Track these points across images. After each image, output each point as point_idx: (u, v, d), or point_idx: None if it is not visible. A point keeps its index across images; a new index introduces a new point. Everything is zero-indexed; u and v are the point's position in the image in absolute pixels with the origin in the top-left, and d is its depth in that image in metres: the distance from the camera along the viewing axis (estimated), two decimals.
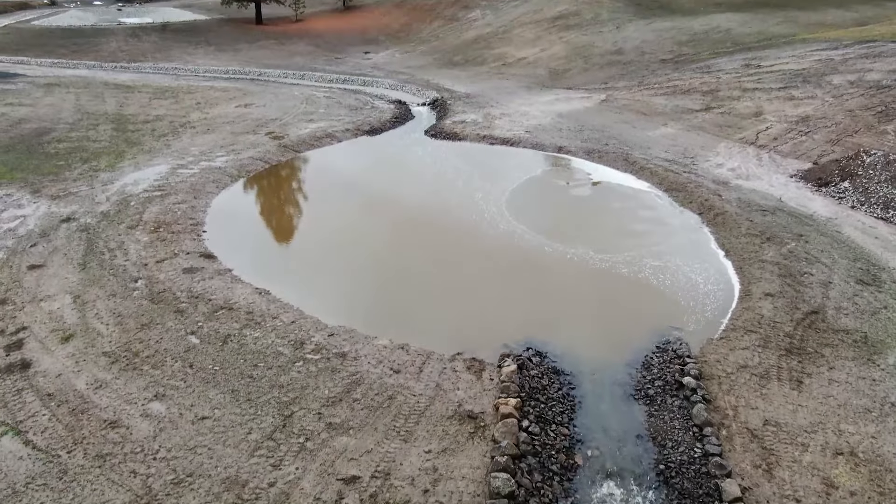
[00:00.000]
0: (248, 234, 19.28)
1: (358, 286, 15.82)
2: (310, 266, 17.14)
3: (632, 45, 47.88)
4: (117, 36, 60.94)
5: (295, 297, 14.49)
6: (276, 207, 22.26)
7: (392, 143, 29.30)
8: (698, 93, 33.75)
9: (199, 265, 16.00)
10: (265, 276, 15.68)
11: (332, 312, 13.91)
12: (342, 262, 17.20)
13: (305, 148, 27.73)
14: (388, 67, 50.87)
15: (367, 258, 17.39)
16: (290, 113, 33.78)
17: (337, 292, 15.49)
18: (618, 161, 25.05)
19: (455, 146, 28.33)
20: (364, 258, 17.39)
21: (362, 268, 16.80)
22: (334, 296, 15.27)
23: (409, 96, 39.96)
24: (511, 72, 46.17)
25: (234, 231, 19.07)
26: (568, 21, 58.09)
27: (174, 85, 42.19)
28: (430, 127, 31.59)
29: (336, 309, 14.25)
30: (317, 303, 14.40)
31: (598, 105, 34.29)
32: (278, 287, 14.97)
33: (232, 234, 18.68)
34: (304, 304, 14.17)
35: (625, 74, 41.48)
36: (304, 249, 18.55)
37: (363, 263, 17.06)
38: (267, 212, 21.65)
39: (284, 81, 44.94)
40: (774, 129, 27.55)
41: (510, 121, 31.61)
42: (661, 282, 15.46)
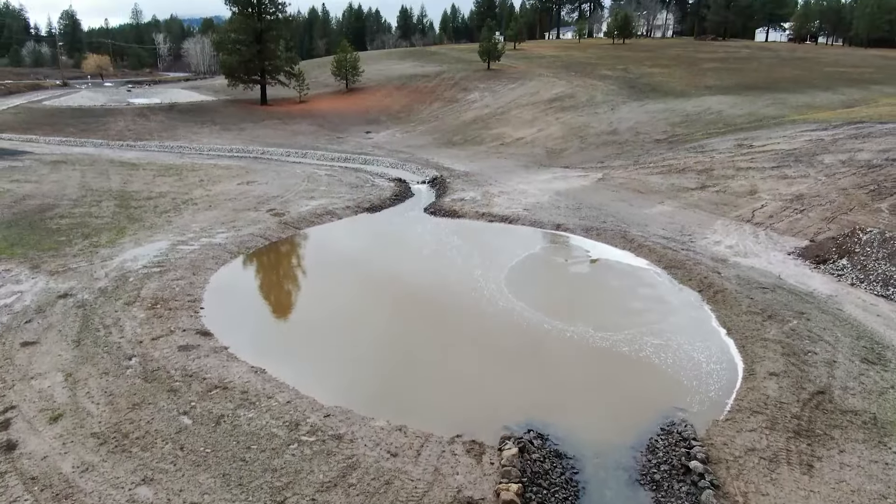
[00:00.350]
0: (246, 310, 19.14)
1: (355, 365, 15.57)
2: (307, 344, 16.93)
3: (626, 126, 49.15)
4: (125, 116, 62.64)
5: (291, 376, 14.22)
6: (275, 284, 22.21)
7: (392, 220, 29.58)
8: (693, 172, 34.37)
9: (195, 343, 15.79)
10: (262, 354, 15.44)
11: (328, 392, 13.61)
12: (340, 340, 17.00)
13: (306, 225, 27.95)
14: (389, 146, 52.02)
15: (366, 336, 17.20)
16: (291, 190, 34.25)
17: (334, 371, 15.24)
18: (616, 238, 25.21)
19: (454, 223, 28.58)
20: (362, 336, 17.20)
21: (360, 346, 16.59)
22: (331, 375, 15.01)
23: (409, 174, 40.65)
24: (509, 151, 47.19)
25: (232, 308, 18.95)
26: (564, 103, 59.87)
27: (178, 163, 42.98)
28: (429, 205, 31.97)
29: (333, 388, 13.97)
30: (313, 382, 14.13)
31: (595, 183, 34.86)
32: (275, 366, 14.72)
33: (230, 311, 18.54)
34: (300, 383, 13.89)
35: (620, 154, 42.37)
36: (302, 327, 18.37)
37: (361, 342, 16.86)
38: (266, 289, 21.58)
39: (287, 160, 45.83)
40: (769, 206, 27.89)
41: (508, 199, 32.03)
42: (662, 361, 15.24)
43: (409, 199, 34.03)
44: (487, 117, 59.52)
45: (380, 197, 33.14)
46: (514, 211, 29.53)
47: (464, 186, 35.46)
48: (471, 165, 42.14)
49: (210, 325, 17.06)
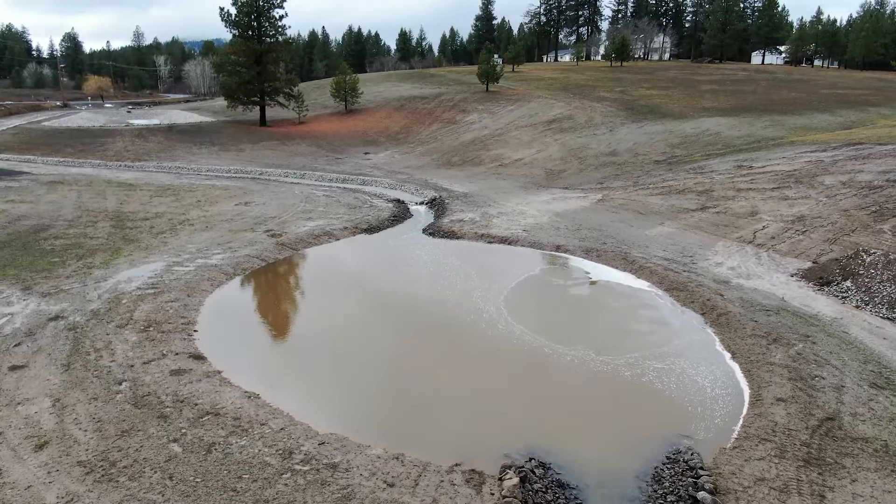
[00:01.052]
0: (241, 333, 18.77)
1: (351, 390, 15.20)
2: (302, 369, 16.55)
3: (625, 147, 49.14)
4: (123, 136, 62.67)
5: (285, 402, 13.84)
6: (271, 307, 21.83)
7: (390, 241, 29.30)
8: (693, 193, 34.21)
9: (187, 367, 15.42)
10: (256, 378, 15.07)
11: (323, 418, 13.23)
12: (336, 364, 16.64)
13: (303, 246, 27.68)
14: (388, 167, 51.95)
15: (362, 361, 16.84)
16: (288, 211, 34.02)
17: (330, 396, 14.87)
18: (616, 260, 24.94)
19: (453, 245, 28.32)
20: (359, 361, 16.84)
21: (356, 371, 16.23)
22: (327, 400, 14.64)
23: (408, 195, 40.49)
24: (508, 172, 47.11)
25: (226, 331, 18.59)
26: (562, 124, 59.98)
27: (176, 183, 42.81)
28: (427, 225, 31.74)
29: (328, 414, 13.59)
30: (308, 408, 13.74)
31: (595, 204, 34.67)
32: (269, 391, 14.34)
33: (224, 334, 18.19)
34: (294, 409, 13.50)
35: (619, 175, 42.27)
36: (297, 351, 17.99)
37: (358, 366, 16.49)
38: (261, 311, 21.20)
39: (285, 180, 45.70)
40: (771, 228, 27.67)
41: (508, 220, 31.81)
42: (666, 385, 14.88)
43: (407, 220, 33.81)
44: (486, 138, 59.59)
45: (378, 218, 32.91)
46: (513, 232, 29.29)
47: (462, 207, 35.27)
48: (469, 186, 42.00)
49: (203, 349, 16.70)
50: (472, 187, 41.64)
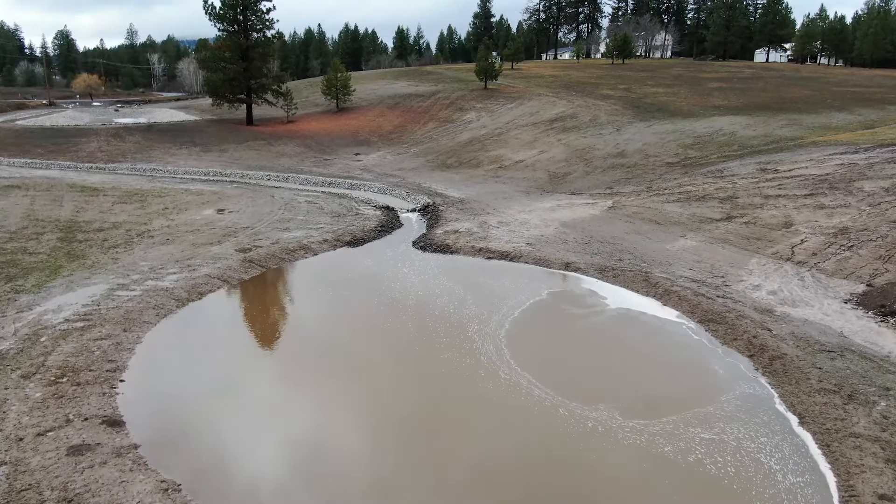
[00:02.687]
0: (179, 385, 15.11)
1: (310, 469, 11.65)
2: (248, 438, 12.91)
3: (634, 148, 45.60)
4: (99, 136, 58.95)
5: (216, 496, 10.28)
6: (222, 347, 17.88)
7: (375, 256, 25.70)
8: (715, 199, 30.66)
9: (93, 440, 11.83)
10: (184, 456, 11.52)
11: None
12: (294, 432, 13.07)
13: (274, 263, 24.09)
14: (379, 170, 48.38)
15: (326, 429, 13.27)
16: (264, 220, 30.44)
17: (281, 480, 11.31)
18: (636, 281, 21.38)
19: (447, 261, 24.76)
20: (321, 429, 13.27)
21: (319, 445, 12.66)
22: (275, 486, 11.08)
23: (399, 201, 36.92)
24: (508, 175, 43.55)
25: (161, 380, 15.00)
26: (565, 123, 56.44)
27: (146, 187, 39.20)
28: (419, 237, 28.17)
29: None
30: (245, 500, 10.20)
31: (606, 212, 31.12)
32: (197, 477, 10.78)
33: (157, 387, 14.60)
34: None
35: (630, 178, 38.73)
36: (246, 411, 14.19)
37: (320, 437, 12.93)
38: (209, 353, 17.46)
39: (266, 184, 42.10)
40: (811, 242, 24.13)
41: (509, 231, 28.25)
42: (720, 468, 11.32)
43: (396, 230, 30.23)
44: (484, 138, 56.01)
45: (363, 228, 29.33)
46: (515, 246, 25.72)
47: (458, 216, 31.70)
48: (466, 191, 38.45)
49: (125, 409, 13.11)
50: (469, 192, 38.08)
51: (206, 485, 10.62)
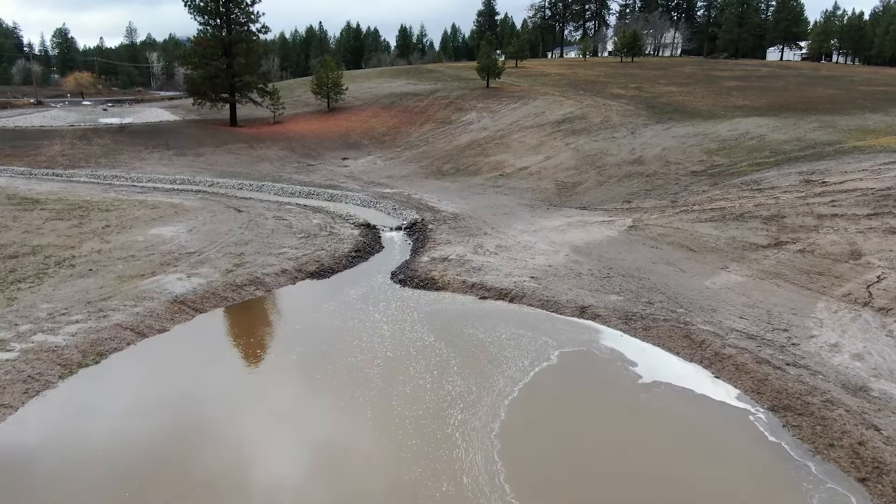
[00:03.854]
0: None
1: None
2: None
3: (652, 154, 40.52)
4: (64, 138, 54.03)
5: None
6: (114, 440, 12.94)
7: (341, 294, 20.65)
8: (757, 219, 25.59)
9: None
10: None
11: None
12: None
13: (210, 305, 19.12)
14: (366, 177, 43.38)
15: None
16: (218, 242, 25.51)
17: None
18: (675, 337, 16.34)
19: (431, 301, 19.74)
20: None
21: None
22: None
23: (383, 216, 31.93)
24: (510, 184, 38.52)
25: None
26: (574, 125, 51.37)
27: (96, 199, 34.29)
28: (400, 267, 23.16)
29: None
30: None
31: (625, 234, 26.08)
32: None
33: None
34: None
35: (651, 190, 33.66)
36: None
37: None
38: (91, 455, 12.51)
39: (236, 194, 37.14)
40: (891, 280, 19.05)
41: (510, 258, 23.23)
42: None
43: (375, 254, 25.25)
44: (485, 141, 50.97)
45: (334, 253, 24.35)
46: (516, 281, 20.70)
47: (450, 237, 26.70)
48: (462, 204, 33.45)
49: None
50: (464, 205, 33.08)
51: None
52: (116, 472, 11.18)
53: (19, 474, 11.07)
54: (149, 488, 10.65)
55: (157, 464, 11.45)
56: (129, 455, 11.72)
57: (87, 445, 12.19)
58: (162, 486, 10.74)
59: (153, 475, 11.06)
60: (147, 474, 11.06)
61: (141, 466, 11.31)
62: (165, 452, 11.85)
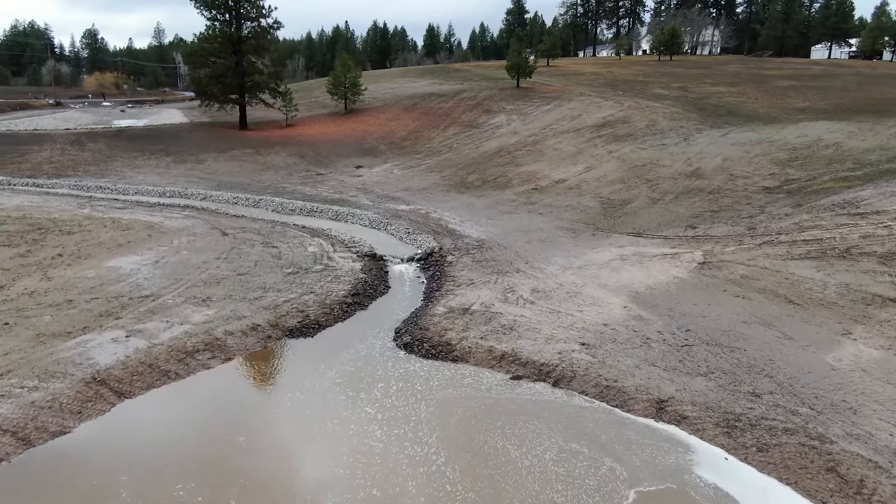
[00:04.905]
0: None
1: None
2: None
3: (713, 165, 34.62)
4: (55, 144, 49.67)
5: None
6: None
7: (322, 369, 15.30)
8: (870, 258, 19.72)
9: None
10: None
11: None
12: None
13: (142, 385, 13.95)
14: (380, 189, 38.16)
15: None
16: (184, 280, 20.46)
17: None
18: (810, 468, 10.70)
19: (444, 382, 14.34)
20: None
21: None
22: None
23: (393, 242, 26.65)
24: (546, 200, 32.94)
25: None
26: (616, 129, 45.55)
27: (66, 216, 29.56)
28: (407, 321, 17.78)
29: None
30: None
31: (697, 274, 20.38)
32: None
33: None
34: None
35: (718, 211, 27.85)
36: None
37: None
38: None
39: (227, 211, 32.12)
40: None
41: (550, 310, 17.72)
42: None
43: (377, 299, 19.93)
44: (515, 148, 45.41)
45: (325, 298, 19.11)
46: (562, 350, 15.21)
47: (473, 274, 21.29)
48: (488, 227, 28.03)
49: None
50: (492, 229, 27.66)
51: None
52: None
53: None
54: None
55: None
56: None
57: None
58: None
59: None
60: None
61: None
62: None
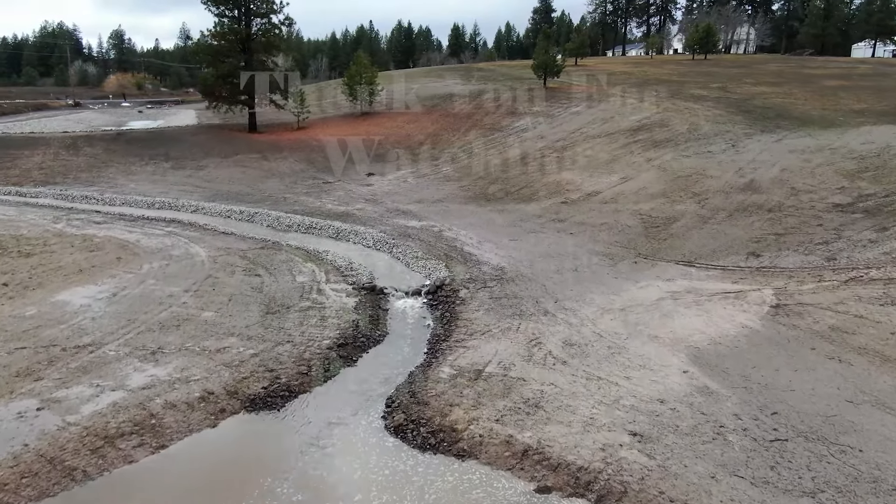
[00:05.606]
0: None
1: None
2: None
3: (769, 176, 30.16)
4: (49, 148, 46.62)
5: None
6: None
7: (283, 464, 11.47)
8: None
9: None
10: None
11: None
12: None
13: (32, 496, 10.21)
14: (390, 201, 34.31)
15: None
16: (137, 322, 16.80)
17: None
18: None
19: (443, 493, 10.40)
20: None
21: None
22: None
23: (398, 269, 22.77)
24: (577, 216, 28.80)
25: None
26: (654, 134, 41.16)
27: (34, 233, 26.25)
28: (401, 387, 13.80)
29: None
30: None
31: (772, 323, 16.12)
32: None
33: None
34: None
35: (783, 235, 23.47)
36: None
37: None
38: None
39: (217, 227, 28.49)
40: None
41: (587, 376, 13.65)
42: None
43: (368, 351, 16.01)
44: (542, 154, 41.26)
45: (304, 351, 15.28)
46: (606, 445, 11.15)
47: (489, 318, 17.29)
48: (510, 250, 24.01)
49: None
50: (514, 253, 23.64)
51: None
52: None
53: None
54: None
55: None
56: None
57: None
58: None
59: None
60: None
61: None
62: None
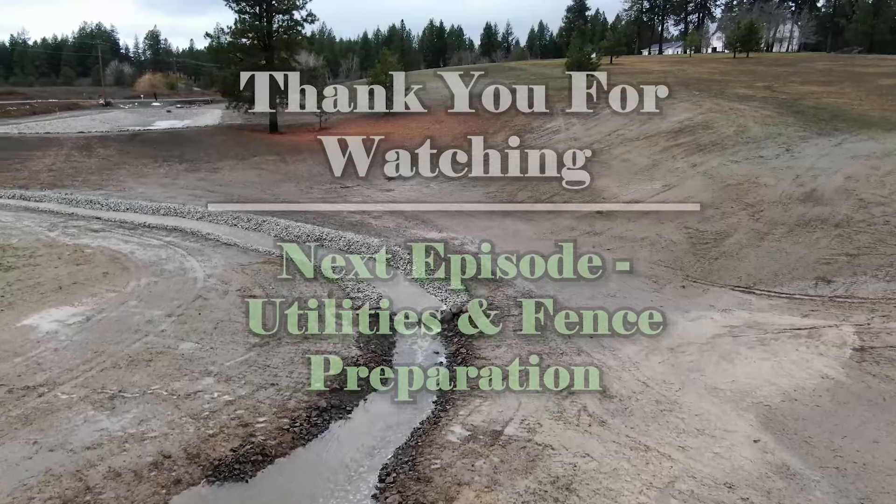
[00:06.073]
0: None
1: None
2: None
3: (833, 185, 26.85)
4: (62, 149, 45.06)
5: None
6: None
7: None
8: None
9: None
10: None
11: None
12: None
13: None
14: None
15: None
16: (104, 355, 14.54)
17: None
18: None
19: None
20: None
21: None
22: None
23: (411, 291, 20.25)
24: (614, 230, 25.90)
25: None
26: (698, 137, 37.92)
27: (24, 242, 24.36)
28: (399, 454, 11.17)
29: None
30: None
31: (858, 372, 13.15)
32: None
33: None
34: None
35: (857, 256, 20.30)
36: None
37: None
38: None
39: (220, 237, 26.28)
40: None
41: (632, 445, 10.87)
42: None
43: (366, 397, 13.47)
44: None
45: (289, 399, 12.82)
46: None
47: (512, 356, 14.62)
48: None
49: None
50: (543, 272, 20.90)
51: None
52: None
53: None
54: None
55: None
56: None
57: None
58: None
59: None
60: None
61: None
62: None
